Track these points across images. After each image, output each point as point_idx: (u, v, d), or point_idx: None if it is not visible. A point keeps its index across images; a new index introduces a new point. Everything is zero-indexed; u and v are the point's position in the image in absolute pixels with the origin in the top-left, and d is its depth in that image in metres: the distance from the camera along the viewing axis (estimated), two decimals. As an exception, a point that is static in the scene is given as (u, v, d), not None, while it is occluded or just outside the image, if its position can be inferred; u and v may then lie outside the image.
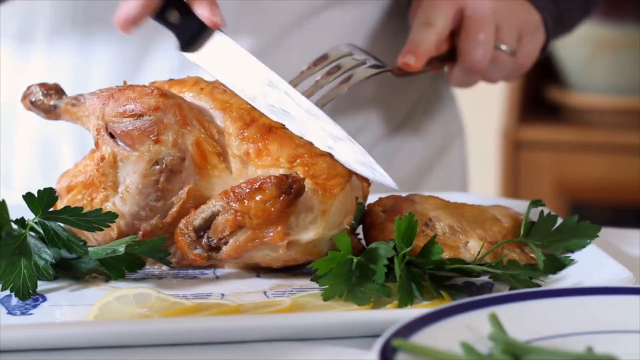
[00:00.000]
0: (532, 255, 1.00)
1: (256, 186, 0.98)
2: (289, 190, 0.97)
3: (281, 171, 1.00)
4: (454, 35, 1.24)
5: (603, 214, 2.67)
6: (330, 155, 1.01)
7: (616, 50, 2.62)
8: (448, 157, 1.52)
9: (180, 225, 1.01)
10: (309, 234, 0.99)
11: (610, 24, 2.58)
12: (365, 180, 1.05)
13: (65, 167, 1.36)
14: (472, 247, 0.98)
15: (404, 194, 1.04)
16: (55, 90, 1.09)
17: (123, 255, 0.98)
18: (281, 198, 0.97)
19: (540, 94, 2.73)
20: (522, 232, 1.00)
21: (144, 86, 1.03)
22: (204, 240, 1.00)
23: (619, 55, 2.61)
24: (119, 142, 1.01)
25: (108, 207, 1.02)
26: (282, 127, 1.02)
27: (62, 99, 1.08)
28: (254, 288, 0.98)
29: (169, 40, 1.08)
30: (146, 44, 1.30)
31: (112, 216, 0.98)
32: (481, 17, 1.22)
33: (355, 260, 0.95)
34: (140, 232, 1.03)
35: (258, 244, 0.99)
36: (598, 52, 2.61)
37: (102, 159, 1.02)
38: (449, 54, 1.24)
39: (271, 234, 0.98)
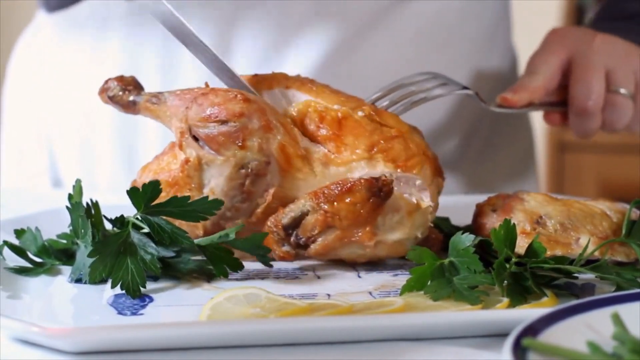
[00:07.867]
0: None
1: (346, 188, 0.99)
2: (379, 193, 0.98)
3: (363, 163, 1.01)
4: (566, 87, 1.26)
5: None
6: (403, 137, 1.02)
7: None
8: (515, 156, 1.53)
9: (269, 223, 1.02)
10: (395, 234, 1.01)
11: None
12: (439, 175, 1.06)
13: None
14: (584, 244, 0.98)
15: (511, 193, 1.04)
16: (134, 86, 1.09)
17: (225, 256, 0.98)
18: (371, 200, 0.98)
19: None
20: (623, 231, 1.00)
21: (227, 90, 1.03)
22: (293, 238, 1.01)
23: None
24: (204, 146, 1.02)
25: None
26: (350, 115, 1.03)
27: (141, 95, 1.08)
28: (359, 288, 0.98)
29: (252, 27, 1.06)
30: (229, 35, 1.30)
31: (218, 203, 0.97)
32: (589, 61, 1.25)
33: (446, 262, 0.95)
34: None
35: (346, 243, 1.00)
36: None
37: (187, 161, 1.03)
38: (563, 103, 1.27)
39: (359, 233, 1.00)
